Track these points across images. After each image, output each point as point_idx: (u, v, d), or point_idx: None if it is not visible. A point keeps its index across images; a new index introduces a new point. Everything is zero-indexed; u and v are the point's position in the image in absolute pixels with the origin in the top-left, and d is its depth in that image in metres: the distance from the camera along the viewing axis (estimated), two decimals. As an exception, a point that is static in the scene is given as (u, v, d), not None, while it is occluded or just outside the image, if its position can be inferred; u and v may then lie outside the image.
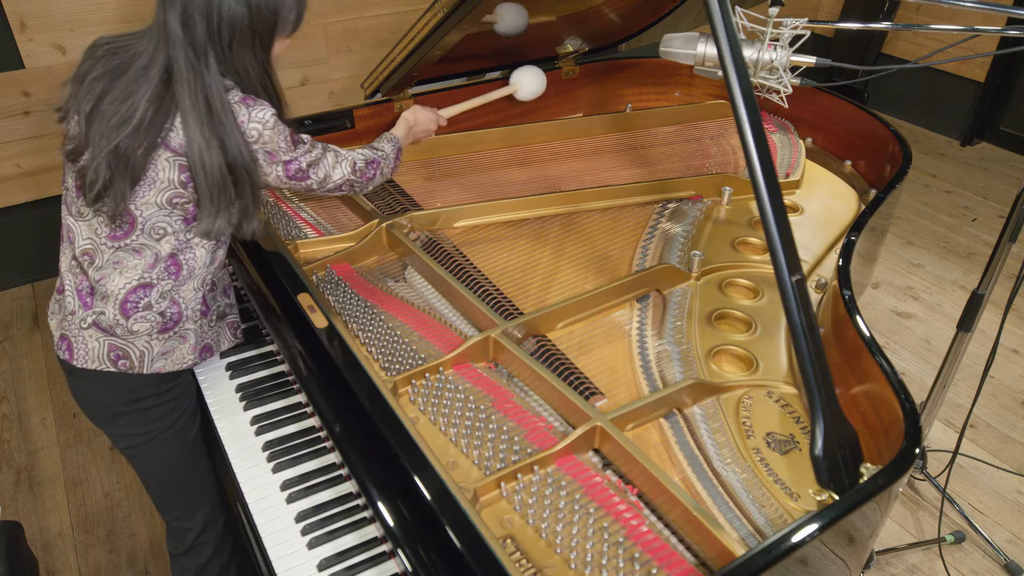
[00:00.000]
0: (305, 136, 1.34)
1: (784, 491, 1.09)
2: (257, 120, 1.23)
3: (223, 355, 1.53)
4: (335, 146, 1.41)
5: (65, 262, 1.34)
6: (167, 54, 1.18)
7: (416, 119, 1.71)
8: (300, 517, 1.25)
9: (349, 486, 1.29)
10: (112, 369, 1.30)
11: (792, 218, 1.78)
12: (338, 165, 1.39)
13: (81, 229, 1.29)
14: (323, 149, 1.38)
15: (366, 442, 1.15)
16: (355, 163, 1.42)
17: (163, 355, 1.33)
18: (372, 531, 1.22)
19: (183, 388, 1.41)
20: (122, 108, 1.20)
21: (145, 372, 1.32)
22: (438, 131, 1.82)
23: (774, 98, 1.31)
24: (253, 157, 1.24)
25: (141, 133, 1.18)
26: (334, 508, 1.27)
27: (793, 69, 1.30)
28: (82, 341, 1.30)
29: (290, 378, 1.45)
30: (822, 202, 1.86)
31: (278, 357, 1.50)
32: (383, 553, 1.19)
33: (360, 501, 1.26)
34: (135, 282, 1.26)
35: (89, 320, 1.29)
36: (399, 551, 1.06)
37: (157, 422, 1.38)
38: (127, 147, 1.19)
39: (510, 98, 1.90)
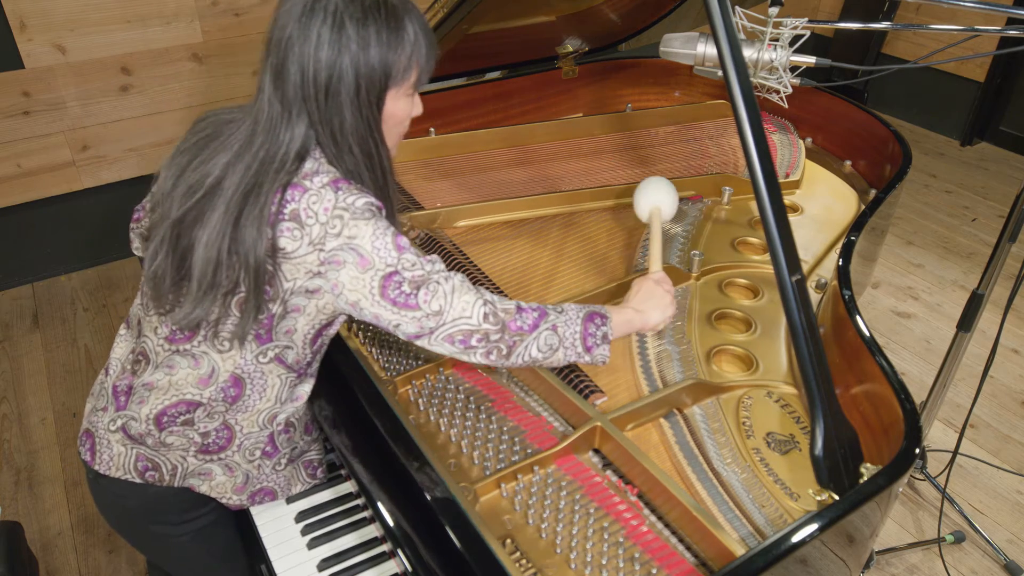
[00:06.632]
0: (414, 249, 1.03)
1: (784, 491, 1.09)
2: (343, 206, 0.98)
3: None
4: (462, 275, 1.06)
5: (119, 349, 1.19)
6: (255, 112, 1.02)
7: (647, 294, 1.22)
8: (300, 517, 1.25)
9: (349, 486, 1.29)
10: (138, 480, 1.13)
11: (792, 218, 1.78)
12: (462, 295, 1.02)
13: (144, 325, 1.14)
14: (442, 271, 1.04)
15: (366, 442, 1.16)
16: (490, 303, 1.04)
17: (198, 475, 1.14)
18: (372, 531, 1.23)
19: (218, 519, 1.23)
20: (193, 176, 1.03)
21: (176, 485, 1.14)
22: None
23: (774, 98, 1.31)
24: (270, 265, 0.99)
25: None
26: (334, 508, 1.27)
27: (793, 69, 1.30)
28: (107, 444, 1.13)
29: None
30: (822, 202, 1.85)
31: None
32: (383, 553, 1.19)
33: (360, 501, 1.26)
34: (177, 397, 1.09)
35: (118, 423, 1.12)
36: (399, 551, 1.07)
37: (182, 537, 1.22)
38: (190, 222, 1.02)
39: (508, 98, 1.88)
